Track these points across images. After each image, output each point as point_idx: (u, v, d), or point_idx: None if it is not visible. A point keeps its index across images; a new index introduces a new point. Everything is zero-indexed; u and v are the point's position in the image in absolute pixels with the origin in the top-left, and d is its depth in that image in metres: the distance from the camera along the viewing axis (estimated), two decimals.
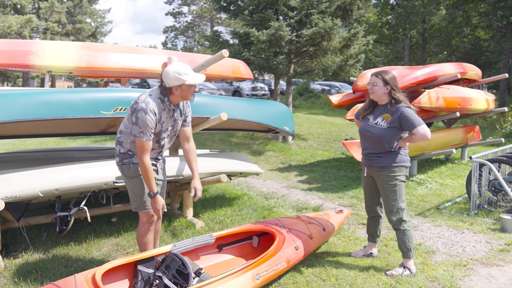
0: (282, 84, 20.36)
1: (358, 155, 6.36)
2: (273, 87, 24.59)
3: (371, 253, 3.81)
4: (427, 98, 6.32)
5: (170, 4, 41.16)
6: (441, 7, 24.65)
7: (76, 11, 27.02)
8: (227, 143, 10.77)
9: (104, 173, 3.75)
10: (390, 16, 27.98)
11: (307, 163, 8.59)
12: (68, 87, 39.82)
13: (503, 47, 24.68)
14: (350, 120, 7.36)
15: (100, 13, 31.04)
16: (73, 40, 26.67)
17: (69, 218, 3.77)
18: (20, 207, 3.82)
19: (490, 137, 11.60)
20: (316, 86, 27.38)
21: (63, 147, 5.32)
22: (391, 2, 26.89)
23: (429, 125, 8.53)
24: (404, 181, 3.44)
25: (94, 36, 28.81)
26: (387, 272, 3.43)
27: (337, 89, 27.29)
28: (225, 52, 4.10)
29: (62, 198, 3.88)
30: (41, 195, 3.46)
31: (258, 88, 22.45)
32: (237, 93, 22.77)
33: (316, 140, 11.57)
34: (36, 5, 23.81)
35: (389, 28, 27.46)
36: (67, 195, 3.95)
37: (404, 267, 3.44)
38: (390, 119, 3.34)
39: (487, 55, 28.22)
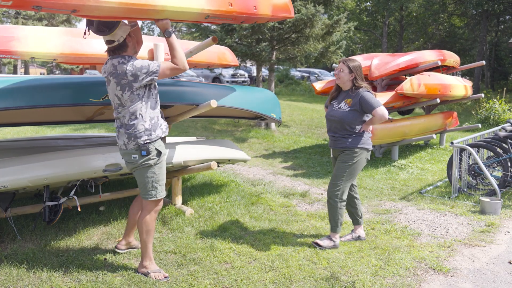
0: (264, 71, 20.31)
1: None
2: (253, 74, 24.58)
3: (359, 236, 3.92)
4: (409, 85, 6.45)
5: None
6: None
7: None
8: (209, 130, 10.75)
9: (94, 161, 3.71)
10: (368, 3, 28.18)
11: (290, 149, 8.67)
12: (41, 73, 38.63)
13: (477, 34, 25.29)
14: None
15: None
16: (46, 25, 25.83)
17: (58, 208, 3.73)
18: (7, 197, 3.75)
19: (467, 123, 11.93)
20: (296, 73, 27.47)
21: (46, 135, 5.21)
22: None
23: (410, 111, 8.73)
24: (363, 163, 3.69)
25: (68, 21, 27.96)
26: (313, 242, 3.75)
27: (316, 75, 27.48)
28: (213, 39, 4.07)
29: (49, 187, 3.83)
30: (30, 184, 3.41)
31: (238, 75, 22.36)
32: (217, 79, 22.63)
33: (298, 126, 11.66)
34: None
35: (368, 15, 27.68)
36: (55, 185, 3.90)
37: (330, 239, 3.73)
38: (351, 102, 3.61)
39: (462, 42, 28.88)
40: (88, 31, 3.08)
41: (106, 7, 2.67)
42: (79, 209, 3.78)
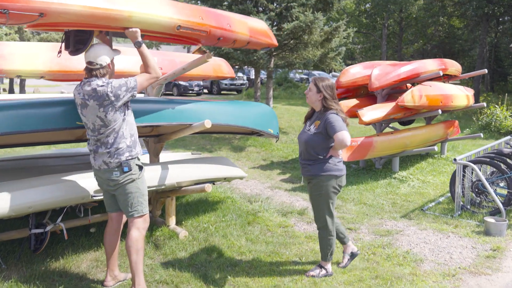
0: (262, 73, 20.13)
1: (342, 154, 6.29)
2: (252, 77, 24.36)
3: (352, 253, 3.78)
4: (411, 97, 6.29)
5: None
6: None
7: None
8: (207, 138, 10.57)
9: (81, 186, 3.54)
10: (368, 5, 28.03)
11: (289, 159, 8.50)
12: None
13: (477, 35, 25.15)
14: None
15: None
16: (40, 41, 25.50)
17: (44, 236, 3.56)
18: None
19: (467, 129, 11.79)
20: (294, 74, 27.26)
21: (35, 153, 5.02)
22: None
23: (411, 121, 8.57)
24: (335, 191, 3.40)
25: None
26: (306, 274, 3.55)
27: None
28: (207, 56, 3.91)
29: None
30: (13, 214, 3.23)
31: (236, 78, 22.13)
32: (215, 83, 22.44)
33: (297, 134, 11.47)
34: None
35: (367, 17, 27.52)
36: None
37: (321, 267, 3.56)
38: (318, 124, 3.37)
39: (461, 43, 28.73)
40: (62, 48, 3.16)
41: (72, 11, 2.67)
42: (66, 237, 3.61)
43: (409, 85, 7.72)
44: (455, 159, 5.11)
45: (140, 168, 3.20)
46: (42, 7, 2.53)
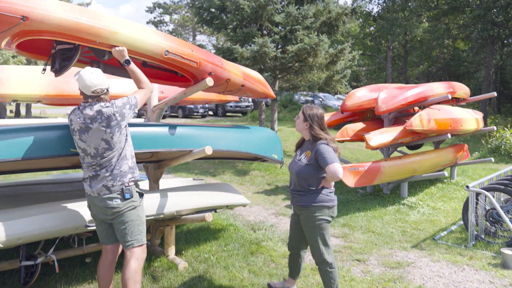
0: None
1: (349, 180, 6.10)
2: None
3: None
4: (419, 121, 6.12)
5: (151, 13, 40.69)
6: (423, 20, 24.91)
7: None
8: (210, 161, 10.40)
9: (75, 216, 3.37)
10: (372, 28, 28.18)
11: None
12: None
13: (482, 57, 25.07)
14: (339, 141, 7.12)
15: None
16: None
17: (34, 268, 3.37)
18: None
19: (476, 152, 11.55)
20: (299, 97, 27.25)
21: (30, 179, 4.87)
22: (373, 14, 27.07)
23: (419, 146, 8.37)
24: (328, 221, 3.28)
25: None
26: None
27: (320, 100, 27.24)
28: (209, 80, 3.77)
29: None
30: (2, 246, 3.05)
31: (241, 100, 22.13)
32: (220, 105, 22.44)
33: None
34: None
35: (372, 39, 27.63)
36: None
37: None
38: (309, 155, 3.26)
39: (466, 65, 28.66)
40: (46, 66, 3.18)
41: (56, 18, 2.64)
42: (57, 270, 3.41)
43: (416, 108, 7.57)
44: (467, 186, 4.89)
45: (141, 195, 3.12)
46: (24, 10, 2.52)
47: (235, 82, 3.99)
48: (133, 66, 3.11)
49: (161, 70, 4.09)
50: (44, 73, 3.19)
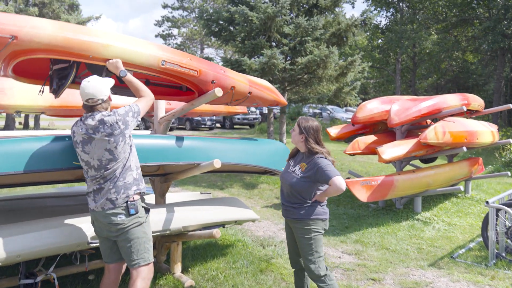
0: (275, 108, 20.00)
1: (361, 194, 5.90)
2: (265, 111, 24.30)
3: None
4: (434, 134, 5.93)
5: (160, 26, 41.05)
6: (432, 32, 24.78)
7: None
8: (218, 174, 10.23)
9: (77, 232, 3.22)
10: (380, 40, 28.10)
11: None
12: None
13: (491, 70, 24.81)
14: (350, 154, 6.94)
15: None
16: None
17: (34, 287, 3.21)
18: None
19: (490, 166, 11.28)
20: (307, 109, 27.11)
21: (33, 193, 4.74)
22: (381, 26, 27.01)
23: (433, 159, 8.15)
24: (322, 234, 3.23)
25: None
26: None
27: (328, 112, 27.09)
28: (218, 90, 3.64)
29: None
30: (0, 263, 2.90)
31: (249, 112, 22.04)
32: (228, 118, 22.36)
33: None
34: None
35: (380, 52, 27.52)
36: None
37: None
38: (305, 168, 3.18)
39: (475, 77, 28.40)
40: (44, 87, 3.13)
41: (45, 35, 2.59)
42: None
43: (428, 120, 7.37)
44: (487, 202, 4.67)
45: (147, 210, 2.97)
46: (13, 30, 2.46)
47: (241, 90, 3.86)
48: (129, 76, 3.01)
49: (164, 87, 4.01)
50: (41, 95, 3.13)
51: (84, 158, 2.83)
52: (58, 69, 3.04)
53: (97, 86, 2.78)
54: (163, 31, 40.94)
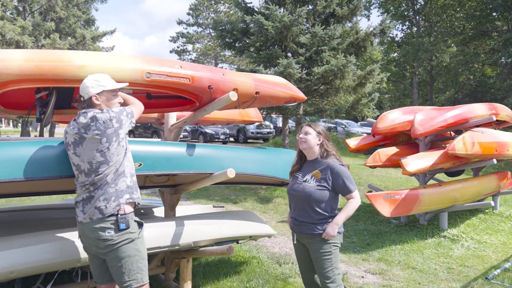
0: (290, 122, 19.72)
1: (384, 209, 5.52)
2: (279, 125, 24.00)
3: None
4: (462, 144, 5.55)
5: (174, 42, 41.47)
6: (452, 44, 24.36)
7: (78, 48, 26.92)
8: (231, 187, 9.94)
9: (77, 246, 2.94)
10: (396, 54, 27.77)
11: None
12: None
13: (509, 83, 24.18)
14: (371, 167, 6.59)
15: (104, 51, 30.95)
16: None
17: None
18: None
19: None
20: (323, 123, 26.75)
21: (35, 204, 4.49)
22: (396, 39, 26.71)
23: (460, 172, 7.73)
24: (339, 247, 3.04)
25: None
26: None
27: (343, 126, 26.69)
28: (232, 94, 3.36)
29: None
30: None
31: (263, 126, 21.77)
32: (241, 131, 22.15)
33: None
34: (39, 43, 23.61)
35: (396, 65, 27.17)
36: None
37: None
38: (320, 175, 2.97)
39: (493, 91, 27.77)
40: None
41: (14, 65, 2.50)
42: None
43: (452, 132, 6.98)
44: None
45: (140, 225, 2.68)
46: None
47: (246, 91, 3.56)
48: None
49: (168, 98, 3.77)
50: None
51: (75, 162, 2.58)
52: (40, 98, 2.90)
53: (87, 82, 2.61)
54: (177, 47, 41.34)
